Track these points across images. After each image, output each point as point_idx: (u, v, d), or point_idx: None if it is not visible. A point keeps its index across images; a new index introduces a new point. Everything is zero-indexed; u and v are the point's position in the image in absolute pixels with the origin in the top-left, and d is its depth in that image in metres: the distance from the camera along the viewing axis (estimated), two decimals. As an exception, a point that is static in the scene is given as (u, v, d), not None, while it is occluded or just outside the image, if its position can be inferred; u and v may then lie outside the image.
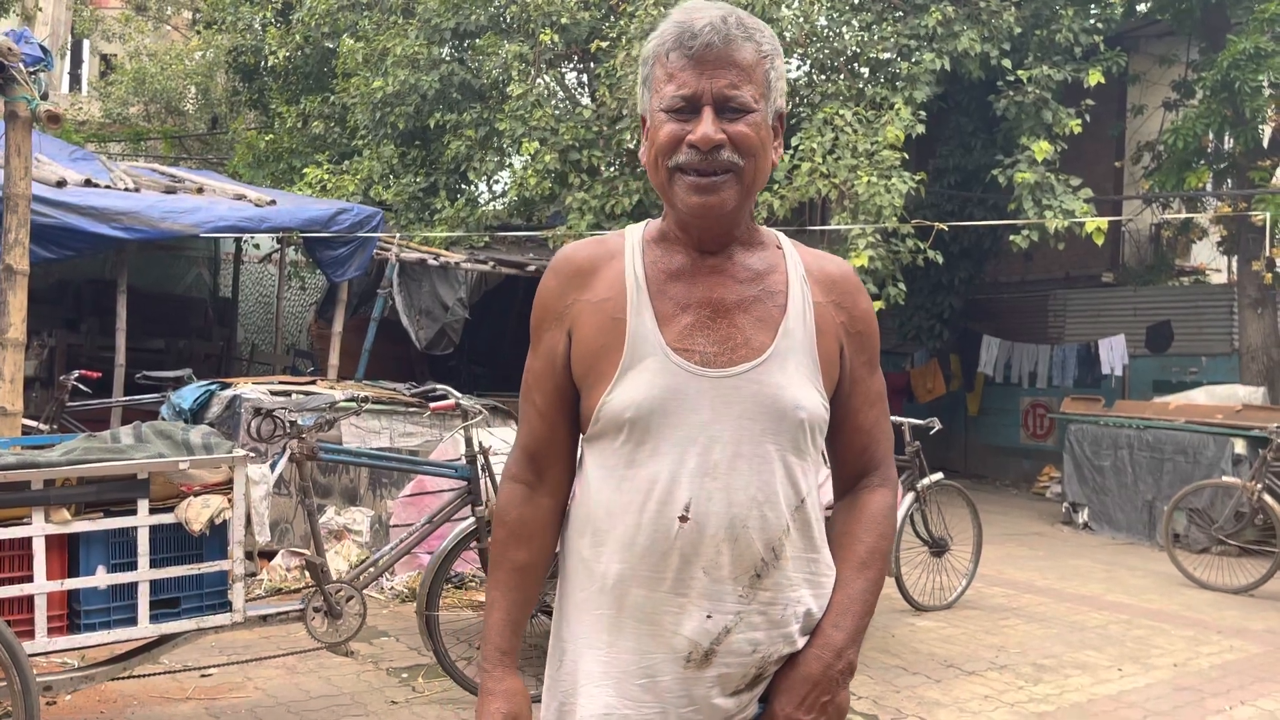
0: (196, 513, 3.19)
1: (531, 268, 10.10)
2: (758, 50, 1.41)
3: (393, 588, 5.93)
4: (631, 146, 10.36)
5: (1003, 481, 13.10)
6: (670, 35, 1.41)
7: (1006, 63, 9.40)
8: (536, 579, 1.56)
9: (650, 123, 1.45)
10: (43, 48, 4.75)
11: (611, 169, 10.16)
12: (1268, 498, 6.97)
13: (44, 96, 4.58)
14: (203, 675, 4.38)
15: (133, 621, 3.21)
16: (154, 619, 3.24)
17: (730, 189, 1.40)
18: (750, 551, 1.40)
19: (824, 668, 1.44)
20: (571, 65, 11.97)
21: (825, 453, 1.60)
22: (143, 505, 3.19)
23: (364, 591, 4.10)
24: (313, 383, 6.80)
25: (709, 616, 1.40)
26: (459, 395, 4.49)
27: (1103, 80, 9.50)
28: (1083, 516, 9.59)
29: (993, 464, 13.32)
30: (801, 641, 1.46)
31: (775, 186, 8.98)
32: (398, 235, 9.48)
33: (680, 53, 1.39)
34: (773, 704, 1.45)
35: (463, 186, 11.19)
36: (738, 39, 1.39)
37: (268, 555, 5.94)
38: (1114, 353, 11.46)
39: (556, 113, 10.32)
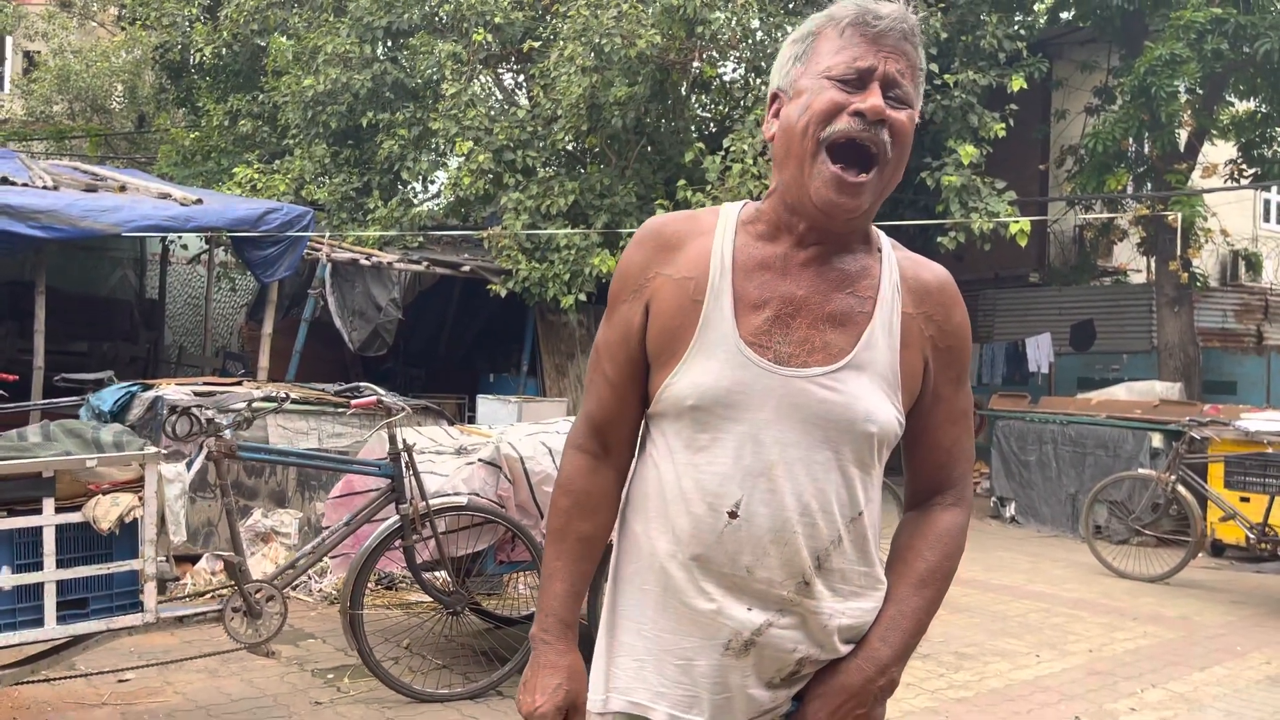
0: (105, 511, 3.13)
1: (466, 268, 10.06)
2: (920, 57, 1.41)
3: (320, 589, 5.86)
4: (570, 147, 10.39)
5: (935, 478, 13.32)
6: (849, 13, 1.38)
7: (934, 67, 9.60)
8: (597, 551, 1.54)
9: (796, 93, 1.40)
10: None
11: (547, 169, 10.16)
12: (1181, 489, 7.20)
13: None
14: (119, 680, 4.29)
15: (39, 623, 3.14)
16: (61, 620, 3.17)
17: (869, 194, 1.37)
18: (797, 558, 1.38)
19: (864, 680, 1.40)
20: (507, 66, 11.95)
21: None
22: (48, 504, 3.13)
23: (290, 593, 4.05)
24: (239, 384, 6.69)
25: (749, 609, 1.38)
26: (382, 392, 4.45)
27: (1025, 86, 9.75)
28: (1010, 510, 9.81)
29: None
30: (845, 649, 1.42)
31: (709, 187, 9.06)
32: (328, 235, 9.38)
33: (860, 29, 1.37)
34: (806, 706, 1.43)
35: (397, 186, 11.10)
36: (914, 35, 1.40)
37: (191, 559, 5.84)
38: (1040, 351, 11.76)
39: (491, 113, 10.29)
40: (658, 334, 1.44)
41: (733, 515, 1.37)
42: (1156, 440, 8.49)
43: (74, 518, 3.19)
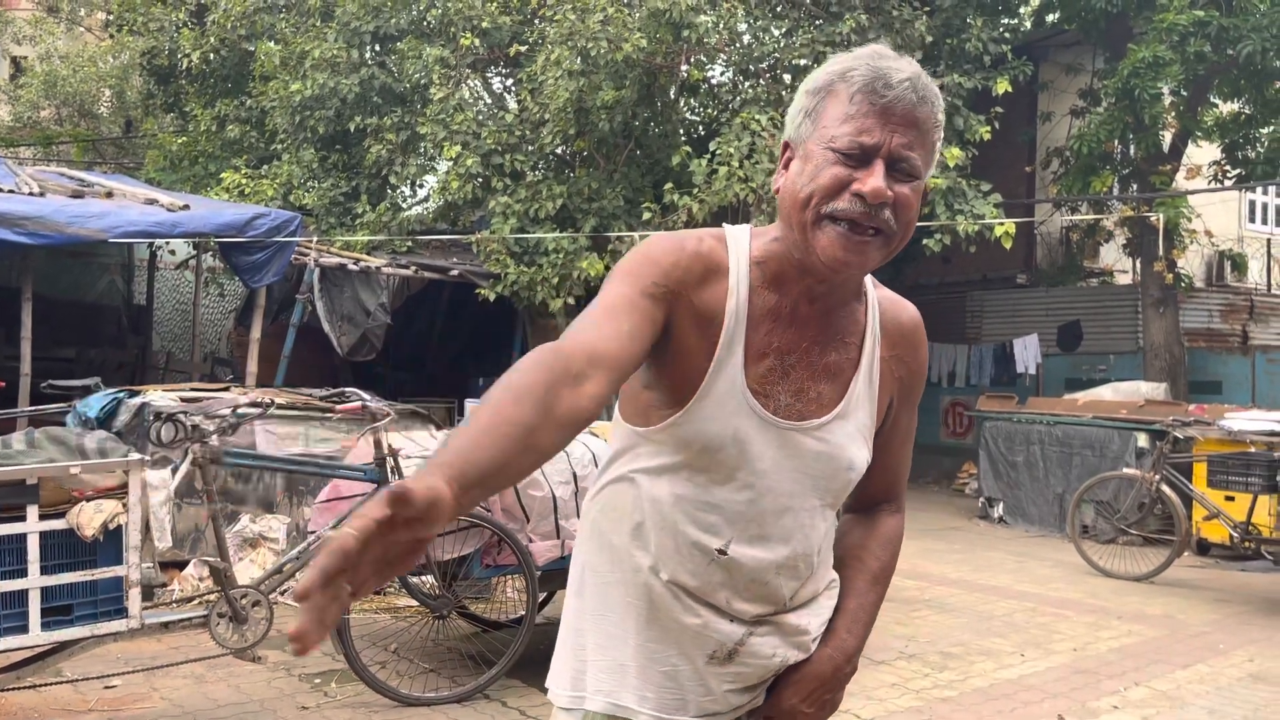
0: (89, 518, 3.14)
1: (455, 272, 10.07)
2: (934, 118, 1.36)
3: (309, 595, 5.86)
4: (558, 151, 10.41)
5: (925, 479, 13.38)
6: (861, 77, 1.33)
7: (919, 70, 9.63)
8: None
9: (804, 154, 1.37)
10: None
11: (535, 173, 10.18)
12: (1165, 488, 7.25)
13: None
14: (106, 686, 4.29)
15: (24, 629, 3.15)
16: (46, 626, 3.18)
17: (876, 252, 1.36)
18: (775, 595, 1.47)
19: (834, 669, 1.51)
20: (495, 70, 11.97)
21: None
22: (32, 511, 3.13)
23: (276, 598, 4.06)
24: (226, 389, 6.69)
25: (731, 622, 1.46)
26: (366, 398, 4.47)
27: (1010, 89, 9.80)
28: (998, 511, 9.85)
29: (915, 462, 13.41)
30: (814, 647, 1.53)
31: (695, 190, 9.09)
32: (316, 240, 9.38)
33: (869, 97, 1.32)
34: (779, 694, 1.51)
35: (385, 191, 11.11)
36: (927, 101, 1.34)
37: (179, 566, 5.84)
38: (1027, 352, 11.82)
39: (479, 117, 10.31)
40: (674, 362, 1.43)
41: (721, 553, 1.43)
42: (1142, 440, 8.55)
43: (58, 524, 3.19)
